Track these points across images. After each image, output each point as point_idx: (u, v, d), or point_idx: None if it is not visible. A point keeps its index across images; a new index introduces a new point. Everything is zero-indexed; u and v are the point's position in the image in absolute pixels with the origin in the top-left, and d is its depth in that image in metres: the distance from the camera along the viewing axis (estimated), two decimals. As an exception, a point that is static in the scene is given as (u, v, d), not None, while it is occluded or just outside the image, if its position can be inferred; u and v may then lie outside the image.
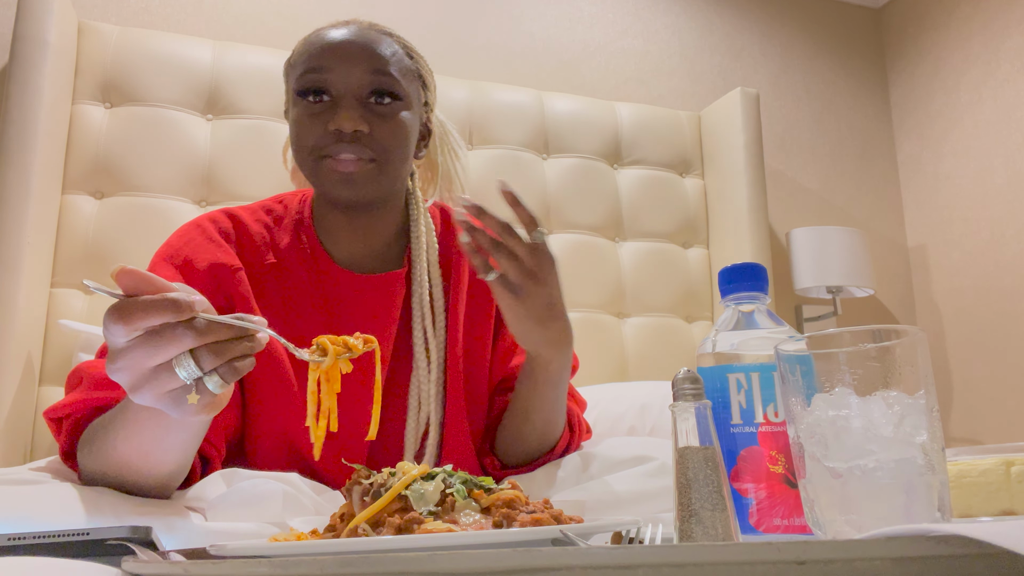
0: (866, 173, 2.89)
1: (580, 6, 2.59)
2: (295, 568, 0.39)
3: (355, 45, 0.96)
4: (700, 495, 0.49)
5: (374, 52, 0.96)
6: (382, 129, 0.95)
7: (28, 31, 1.68)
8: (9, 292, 1.56)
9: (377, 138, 0.95)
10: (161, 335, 0.56)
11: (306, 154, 0.95)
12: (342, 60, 0.95)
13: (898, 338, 0.48)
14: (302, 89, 0.96)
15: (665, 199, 2.35)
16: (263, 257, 0.99)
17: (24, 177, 1.61)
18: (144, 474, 0.74)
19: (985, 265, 2.62)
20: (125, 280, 0.57)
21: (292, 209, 1.04)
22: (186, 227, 0.99)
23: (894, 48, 2.99)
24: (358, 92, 0.95)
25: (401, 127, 0.97)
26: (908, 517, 0.45)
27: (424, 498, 0.54)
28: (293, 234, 1.01)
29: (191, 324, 0.57)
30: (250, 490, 0.76)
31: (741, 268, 0.62)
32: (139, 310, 0.56)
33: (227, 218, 1.00)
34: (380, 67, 0.96)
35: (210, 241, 0.97)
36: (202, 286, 0.93)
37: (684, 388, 0.52)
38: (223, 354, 0.58)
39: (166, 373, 0.58)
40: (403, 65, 0.99)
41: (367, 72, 0.95)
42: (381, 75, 0.96)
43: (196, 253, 0.95)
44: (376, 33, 0.99)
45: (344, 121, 0.92)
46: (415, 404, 0.98)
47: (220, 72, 1.95)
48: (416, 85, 1.02)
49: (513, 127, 2.21)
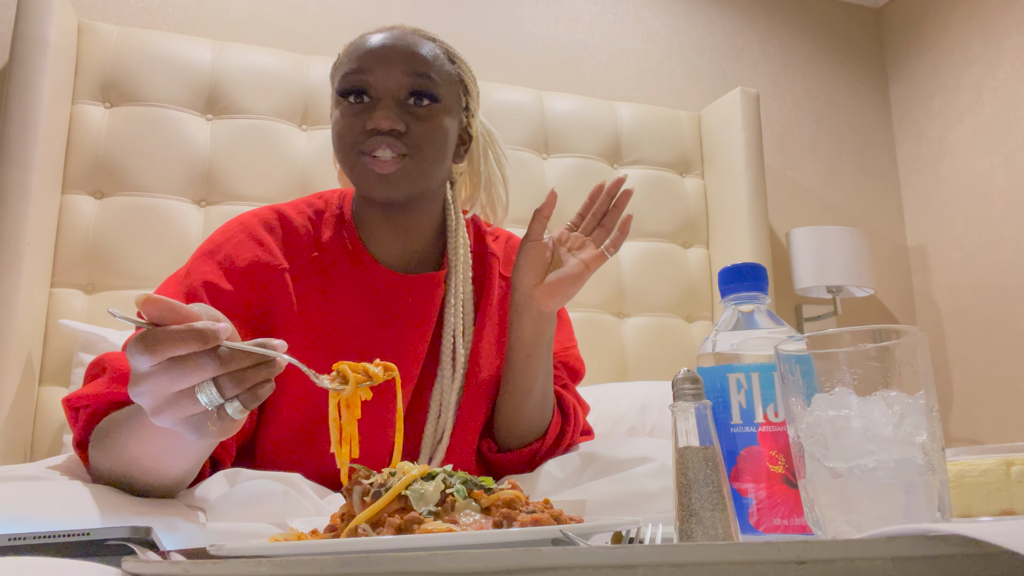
0: (866, 173, 2.89)
1: (580, 6, 2.59)
2: (295, 568, 0.39)
3: (396, 48, 0.98)
4: (700, 495, 0.49)
5: (414, 54, 0.98)
6: (418, 128, 0.96)
7: (28, 31, 1.68)
8: (9, 292, 1.56)
9: (413, 136, 0.96)
10: (185, 363, 0.57)
11: (346, 152, 0.97)
12: (382, 62, 0.97)
13: (898, 338, 0.48)
14: (343, 90, 0.98)
15: (665, 199, 2.35)
16: (308, 252, 1.00)
17: (24, 177, 1.61)
18: (153, 476, 0.75)
19: (985, 265, 2.62)
20: (150, 309, 0.57)
21: (333, 205, 1.06)
22: (231, 223, 1.00)
23: (894, 48, 2.99)
24: (396, 93, 0.97)
25: (438, 127, 0.98)
26: (908, 517, 0.45)
27: (424, 498, 0.54)
28: (335, 230, 1.03)
29: (215, 352, 0.57)
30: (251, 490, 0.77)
31: (741, 268, 0.62)
32: (166, 340, 0.56)
33: (273, 213, 1.01)
34: (419, 69, 0.97)
35: (252, 239, 0.98)
36: (240, 284, 0.94)
37: (684, 388, 0.52)
38: (244, 382, 0.59)
39: (188, 399, 0.58)
40: (443, 69, 1.00)
41: (406, 74, 0.97)
42: (419, 77, 0.97)
43: (237, 250, 0.96)
44: (418, 37, 1.00)
45: (381, 120, 0.94)
46: (436, 409, 1.00)
47: (220, 72, 1.95)
48: (457, 90, 1.03)
49: (513, 127, 2.21)
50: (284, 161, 1.95)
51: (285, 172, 1.95)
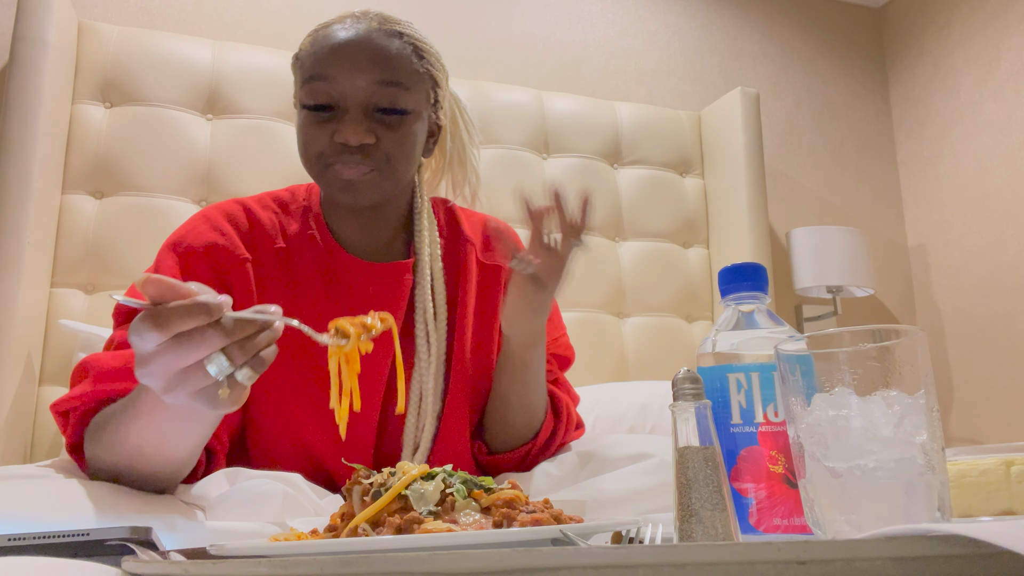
0: (866, 173, 2.89)
1: (580, 6, 2.59)
2: (295, 568, 0.39)
3: (362, 51, 0.93)
4: (700, 495, 0.49)
5: (382, 60, 0.94)
6: (389, 139, 0.94)
7: (28, 31, 1.68)
8: (9, 292, 1.56)
9: (383, 148, 0.94)
10: (191, 338, 0.58)
11: (312, 162, 0.96)
12: (348, 68, 0.93)
13: (898, 338, 0.48)
14: (308, 102, 0.94)
15: (665, 199, 2.35)
16: (272, 242, 0.99)
17: (24, 177, 1.61)
18: (156, 463, 0.75)
19: (985, 265, 2.62)
20: (150, 289, 0.58)
21: (299, 197, 1.05)
22: (194, 216, 1.00)
23: (894, 48, 2.99)
24: (365, 102, 0.94)
25: (408, 136, 0.96)
26: (908, 517, 0.45)
27: (424, 498, 0.54)
28: (302, 220, 1.02)
29: (219, 324, 0.58)
30: (251, 490, 0.77)
31: (741, 268, 0.62)
32: (175, 316, 0.57)
33: (236, 205, 1.01)
34: (388, 77, 0.93)
35: (214, 229, 0.97)
36: (200, 271, 0.93)
37: (684, 388, 0.52)
38: (251, 349, 0.60)
39: (198, 372, 0.59)
40: (413, 71, 0.96)
41: (374, 83, 0.93)
42: (389, 87, 0.94)
43: (197, 240, 0.96)
44: (385, 35, 0.96)
45: (350, 134, 0.92)
46: (416, 398, 0.99)
47: (220, 72, 1.95)
48: (426, 87, 0.99)
49: (513, 127, 2.21)
50: (284, 161, 1.95)
51: (285, 172, 1.94)
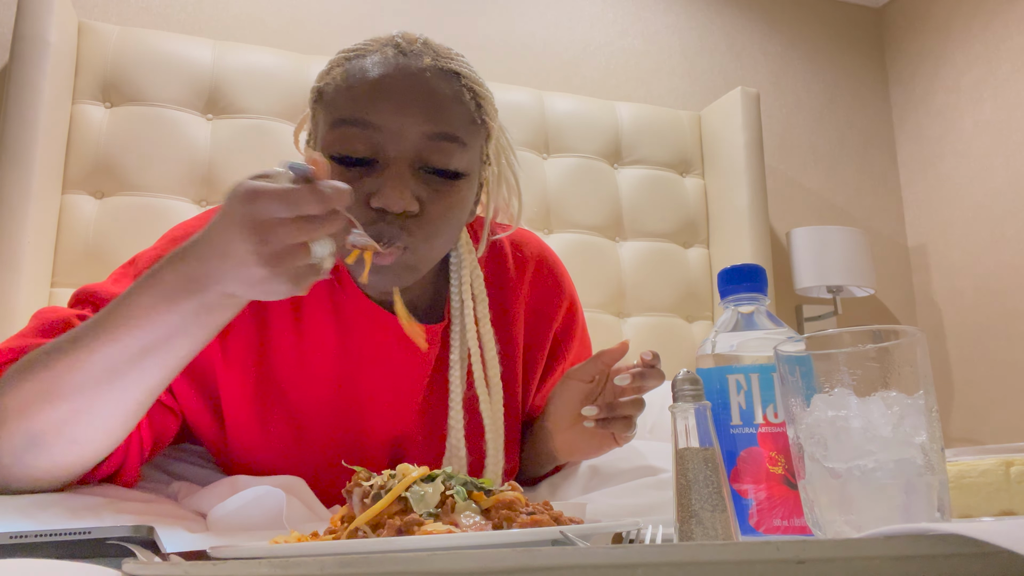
0: (866, 173, 2.89)
1: (580, 6, 2.59)
2: (295, 569, 0.39)
3: (414, 94, 0.76)
4: (700, 496, 0.49)
5: (437, 107, 0.77)
6: (435, 208, 0.77)
7: (28, 31, 1.68)
8: (9, 292, 1.56)
9: (427, 218, 0.77)
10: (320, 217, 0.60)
11: None
12: (395, 114, 0.75)
13: (897, 338, 0.48)
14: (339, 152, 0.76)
15: (665, 199, 2.35)
16: None
17: (24, 177, 1.61)
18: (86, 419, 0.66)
19: (985, 265, 2.62)
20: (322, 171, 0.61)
21: None
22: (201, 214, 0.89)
23: (894, 48, 2.99)
24: (412, 159, 0.76)
25: (458, 205, 0.79)
26: (907, 517, 0.45)
27: (424, 500, 0.54)
28: None
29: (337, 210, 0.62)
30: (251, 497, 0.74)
31: (740, 269, 0.62)
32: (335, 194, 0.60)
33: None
34: (443, 130, 0.77)
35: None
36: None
37: (684, 389, 0.52)
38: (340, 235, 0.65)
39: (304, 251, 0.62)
40: (470, 122, 0.80)
41: (425, 136, 0.76)
42: (443, 140, 0.77)
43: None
44: (440, 75, 0.78)
45: (393, 198, 0.74)
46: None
47: (220, 72, 1.95)
48: (480, 141, 0.83)
49: (513, 127, 2.19)
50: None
51: (285, 172, 1.94)
